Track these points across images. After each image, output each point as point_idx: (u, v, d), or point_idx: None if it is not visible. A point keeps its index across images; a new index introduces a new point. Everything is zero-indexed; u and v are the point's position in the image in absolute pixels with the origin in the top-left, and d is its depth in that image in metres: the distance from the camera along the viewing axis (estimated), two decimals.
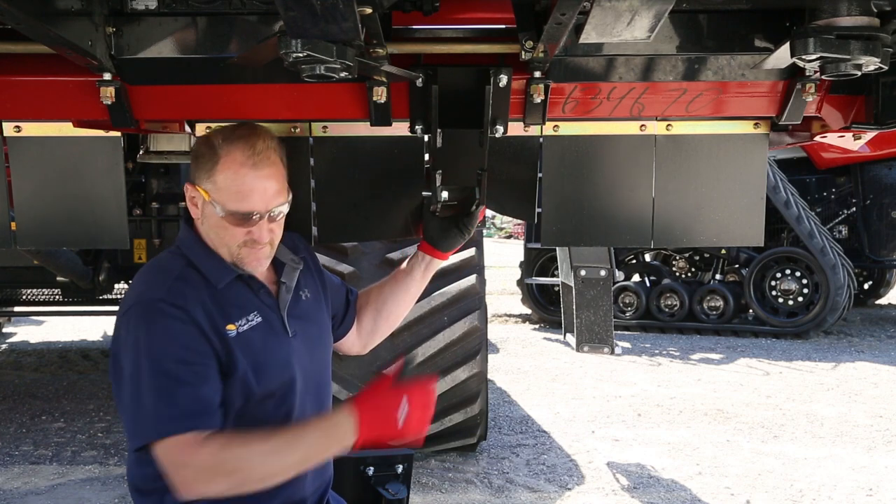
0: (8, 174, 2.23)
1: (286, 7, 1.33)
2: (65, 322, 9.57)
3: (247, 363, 1.77)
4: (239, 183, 1.74)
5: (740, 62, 2.00)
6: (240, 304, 1.81)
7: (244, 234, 1.78)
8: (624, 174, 2.30)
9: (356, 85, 1.96)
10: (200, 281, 1.79)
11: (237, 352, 1.76)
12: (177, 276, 1.78)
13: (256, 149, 1.75)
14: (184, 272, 1.79)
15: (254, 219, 1.76)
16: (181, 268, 1.80)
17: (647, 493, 4.31)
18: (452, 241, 2.16)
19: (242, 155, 1.74)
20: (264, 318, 1.83)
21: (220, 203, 1.75)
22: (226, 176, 1.75)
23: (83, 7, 1.69)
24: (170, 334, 1.69)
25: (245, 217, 1.76)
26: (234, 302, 1.80)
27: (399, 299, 2.21)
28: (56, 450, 5.04)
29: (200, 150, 1.80)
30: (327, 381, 2.02)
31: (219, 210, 1.76)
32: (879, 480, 4.49)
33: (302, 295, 1.95)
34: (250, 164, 1.74)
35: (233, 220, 1.76)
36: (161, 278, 1.78)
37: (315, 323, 1.97)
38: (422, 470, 4.52)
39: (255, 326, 1.80)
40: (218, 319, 1.75)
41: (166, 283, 1.76)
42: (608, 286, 7.51)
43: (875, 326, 9.97)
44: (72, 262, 5.45)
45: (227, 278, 1.80)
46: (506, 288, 12.82)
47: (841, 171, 9.82)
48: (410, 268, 2.19)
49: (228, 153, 1.75)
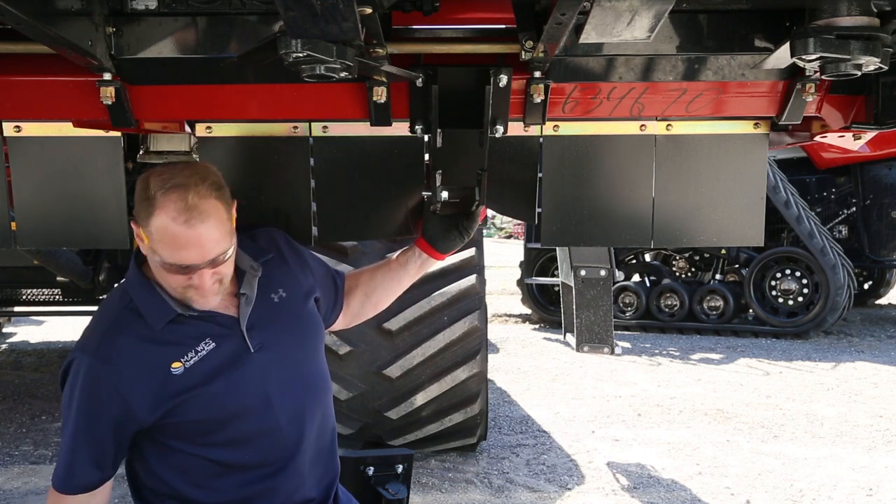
0: (8, 174, 2.23)
1: (286, 7, 1.33)
2: (65, 322, 9.55)
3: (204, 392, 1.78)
4: (173, 238, 1.69)
5: (740, 62, 2.00)
6: (187, 336, 1.80)
7: (186, 281, 1.74)
8: (624, 174, 2.30)
9: (356, 85, 1.96)
10: (140, 324, 1.79)
11: (188, 387, 1.77)
12: (113, 322, 1.81)
13: (188, 202, 1.67)
14: (122, 317, 1.81)
15: (192, 270, 1.72)
16: (120, 311, 1.82)
17: (647, 493, 4.31)
18: (452, 242, 2.16)
19: (175, 210, 1.68)
20: (218, 343, 1.81)
21: (157, 252, 1.72)
22: (159, 227, 1.70)
23: (83, 7, 1.69)
24: (83, 396, 1.78)
25: (183, 269, 1.72)
26: (180, 336, 1.80)
27: (389, 288, 2.22)
28: (56, 450, 5.03)
29: (139, 190, 1.75)
30: (315, 373, 1.99)
31: (157, 259, 1.73)
32: (879, 480, 4.49)
33: (274, 297, 1.92)
34: (182, 221, 1.68)
35: (172, 269, 1.73)
36: (99, 327, 1.83)
37: (291, 322, 1.94)
38: (422, 470, 4.52)
39: (206, 356, 1.80)
40: (158, 361, 1.77)
41: (100, 333, 1.81)
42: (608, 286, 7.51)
43: (875, 326, 9.97)
44: (72, 262, 5.44)
45: (165, 319, 1.80)
46: (506, 288, 12.82)
47: (841, 171, 9.81)
48: (405, 261, 2.19)
49: (162, 206, 1.68)
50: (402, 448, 3.61)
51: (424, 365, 4.19)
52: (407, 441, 4.35)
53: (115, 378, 1.76)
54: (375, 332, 4.12)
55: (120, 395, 1.76)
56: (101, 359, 1.76)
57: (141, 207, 1.73)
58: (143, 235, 1.74)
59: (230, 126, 2.23)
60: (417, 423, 4.36)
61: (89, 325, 1.86)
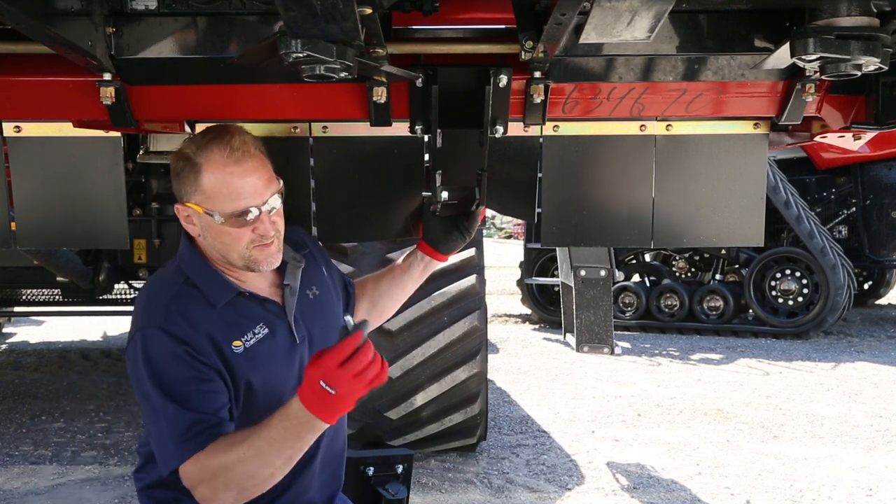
0: (8, 174, 2.23)
1: (286, 7, 1.33)
2: (65, 322, 9.56)
3: (254, 377, 1.76)
4: (227, 183, 1.72)
5: (740, 62, 2.00)
6: (245, 317, 1.79)
7: (250, 234, 1.75)
8: (624, 174, 2.30)
9: (356, 85, 1.96)
10: (201, 299, 1.77)
11: (244, 367, 1.75)
12: (175, 295, 1.76)
13: (233, 145, 1.73)
14: (183, 291, 1.77)
15: (252, 215, 1.74)
16: (180, 287, 1.78)
17: (647, 493, 4.31)
18: (453, 242, 2.16)
19: (221, 155, 1.72)
20: (271, 328, 1.81)
21: (215, 210, 1.73)
22: (211, 181, 1.72)
23: (83, 7, 1.69)
24: (170, 361, 1.70)
25: (244, 215, 1.73)
26: (239, 316, 1.78)
27: (395, 296, 2.21)
28: (56, 450, 5.03)
29: (178, 166, 1.77)
30: None
31: (217, 218, 1.73)
32: (879, 480, 4.49)
33: (309, 293, 1.92)
34: (232, 162, 1.72)
35: (233, 223, 1.74)
36: (160, 300, 1.77)
37: (324, 319, 1.95)
38: (422, 470, 4.52)
39: (262, 339, 1.79)
40: (221, 337, 1.74)
41: (165, 306, 1.74)
42: (608, 286, 7.53)
43: (875, 326, 9.97)
44: (72, 262, 5.44)
45: (226, 297, 1.79)
46: (506, 288, 12.82)
47: (841, 171, 9.81)
48: (408, 265, 2.18)
49: (207, 158, 1.72)
50: (402, 448, 3.61)
51: (424, 365, 4.19)
52: (407, 441, 4.35)
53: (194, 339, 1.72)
54: (375, 332, 4.08)
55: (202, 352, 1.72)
56: (174, 325, 1.71)
57: (184, 179, 1.76)
58: (195, 206, 1.75)
59: None
60: (417, 424, 4.36)
61: (145, 301, 1.81)
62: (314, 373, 1.57)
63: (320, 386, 1.56)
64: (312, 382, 1.57)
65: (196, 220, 1.78)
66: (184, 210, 1.78)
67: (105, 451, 5.00)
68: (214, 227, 1.75)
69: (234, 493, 1.67)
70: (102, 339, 9.14)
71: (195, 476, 1.67)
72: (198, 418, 1.68)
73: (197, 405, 1.69)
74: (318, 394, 1.57)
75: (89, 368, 7.53)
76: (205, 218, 1.75)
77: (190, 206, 1.76)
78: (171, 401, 1.68)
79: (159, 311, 1.74)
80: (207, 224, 1.76)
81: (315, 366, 1.58)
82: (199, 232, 1.79)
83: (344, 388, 1.57)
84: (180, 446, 1.68)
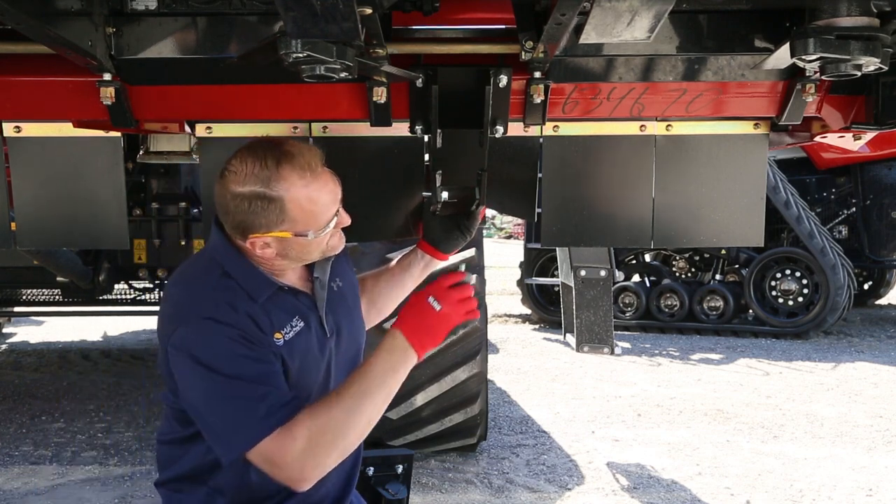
0: (8, 174, 2.23)
1: (286, 7, 1.33)
2: (65, 322, 9.57)
3: (293, 370, 1.75)
4: (314, 201, 1.69)
5: (740, 62, 2.00)
6: (283, 310, 1.77)
7: (334, 234, 1.78)
8: (624, 174, 2.30)
9: (356, 85, 1.96)
10: (241, 293, 1.73)
11: (284, 359, 1.73)
12: (216, 286, 1.72)
13: (303, 164, 1.68)
14: (222, 283, 1.73)
15: (338, 214, 1.77)
16: (218, 278, 1.74)
17: (647, 493, 4.31)
18: (454, 242, 2.15)
19: (301, 179, 1.67)
20: (306, 322, 1.79)
21: (309, 230, 1.71)
22: (299, 208, 1.68)
23: (83, 7, 1.69)
24: (231, 345, 1.65)
25: (332, 219, 1.75)
26: (278, 310, 1.76)
27: (394, 295, 2.20)
28: (56, 450, 5.03)
29: (252, 205, 1.67)
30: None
31: (311, 235, 1.72)
32: (879, 480, 4.49)
33: (334, 286, 1.91)
34: (312, 179, 1.68)
35: (326, 232, 1.74)
36: (202, 292, 1.72)
37: (347, 310, 1.94)
38: (422, 470, 4.52)
39: (299, 332, 1.77)
40: (265, 329, 1.71)
41: (210, 296, 1.70)
42: (608, 286, 7.51)
43: (875, 326, 9.97)
44: (72, 262, 5.45)
45: (266, 292, 1.75)
46: (506, 288, 12.82)
47: (841, 171, 9.81)
48: (408, 264, 2.18)
49: (287, 189, 1.66)
50: (402, 448, 3.61)
51: (424, 365, 4.17)
52: (407, 441, 4.35)
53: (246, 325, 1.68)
54: (375, 332, 4.10)
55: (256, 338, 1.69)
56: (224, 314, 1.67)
57: (262, 214, 1.68)
58: (281, 234, 1.70)
59: (230, 126, 2.22)
60: (417, 424, 4.36)
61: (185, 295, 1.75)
62: (424, 292, 1.74)
63: (428, 302, 1.73)
64: (420, 300, 1.74)
65: (276, 244, 1.73)
66: (260, 240, 1.71)
67: (105, 451, 5.00)
68: (301, 244, 1.73)
69: (336, 454, 1.65)
70: (102, 339, 9.15)
71: (276, 457, 1.62)
72: (275, 395, 1.64)
73: (270, 381, 1.66)
74: (423, 311, 1.73)
75: (89, 368, 7.53)
76: (293, 240, 1.72)
77: (273, 236, 1.71)
78: (236, 383, 1.63)
79: (206, 302, 1.69)
80: (293, 244, 1.73)
81: (423, 290, 1.76)
82: (276, 252, 1.74)
83: (449, 307, 1.75)
84: (253, 427, 1.61)
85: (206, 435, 1.70)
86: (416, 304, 1.75)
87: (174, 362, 1.69)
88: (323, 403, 1.66)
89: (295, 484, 1.65)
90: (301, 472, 1.63)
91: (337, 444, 1.64)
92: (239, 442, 1.64)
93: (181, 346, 1.66)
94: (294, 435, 1.61)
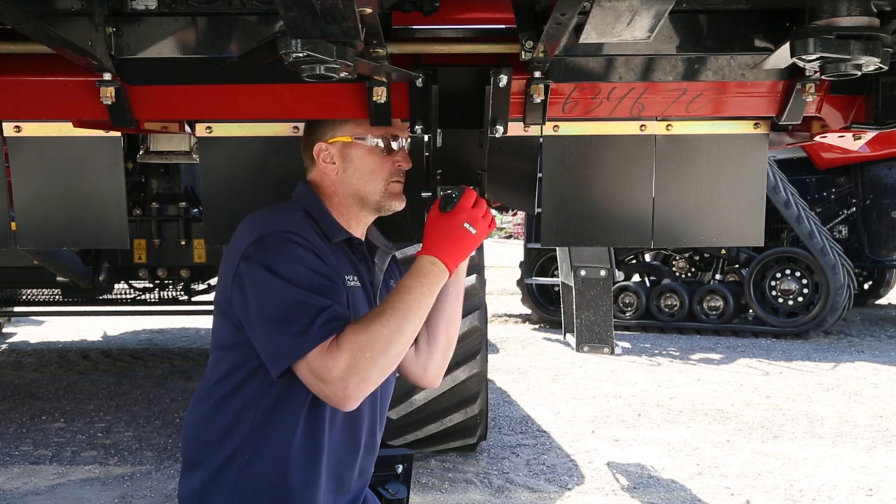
0: (8, 174, 2.23)
1: (286, 7, 1.33)
2: (65, 322, 9.58)
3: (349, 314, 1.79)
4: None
5: (740, 62, 2.00)
6: (347, 262, 1.86)
7: (392, 166, 1.88)
8: (624, 174, 2.30)
9: (356, 85, 1.96)
10: (318, 230, 1.82)
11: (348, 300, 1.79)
12: (298, 219, 1.80)
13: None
14: (304, 219, 1.81)
15: (399, 144, 1.90)
16: (302, 215, 1.83)
17: (647, 493, 4.31)
18: None
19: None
20: (362, 284, 1.88)
21: (368, 133, 1.87)
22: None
23: (83, 7, 1.69)
24: (302, 258, 1.71)
25: (394, 140, 1.89)
26: (345, 260, 1.85)
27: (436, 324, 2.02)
28: (56, 450, 5.04)
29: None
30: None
31: (370, 140, 1.86)
32: (879, 480, 4.49)
33: (391, 283, 2.00)
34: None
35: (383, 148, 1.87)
36: (284, 217, 1.80)
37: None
38: (422, 470, 4.52)
39: (355, 288, 1.84)
40: (339, 268, 1.80)
41: (291, 219, 1.78)
42: (608, 286, 7.52)
43: (875, 326, 9.98)
44: (72, 262, 5.45)
45: (339, 237, 1.85)
46: (506, 288, 12.83)
47: (841, 171, 9.83)
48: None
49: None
50: (402, 448, 3.61)
51: None
52: (407, 441, 4.35)
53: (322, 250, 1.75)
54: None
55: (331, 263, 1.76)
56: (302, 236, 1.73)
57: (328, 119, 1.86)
58: (343, 138, 1.87)
59: (230, 126, 2.23)
60: (417, 423, 4.36)
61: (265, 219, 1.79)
62: (457, 219, 1.81)
63: (464, 228, 1.80)
64: (455, 226, 1.80)
65: (338, 156, 1.87)
66: (324, 149, 1.86)
67: (105, 451, 5.01)
68: (360, 157, 1.87)
69: (377, 370, 1.66)
70: (102, 339, 9.15)
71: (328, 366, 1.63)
72: (336, 308, 1.69)
73: (333, 296, 1.70)
74: (460, 237, 1.80)
75: (89, 368, 7.53)
76: (352, 148, 1.86)
77: (336, 140, 1.86)
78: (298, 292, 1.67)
79: (285, 221, 1.76)
80: (353, 155, 1.87)
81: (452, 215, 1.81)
82: (339, 169, 1.87)
83: (481, 229, 1.83)
84: (317, 331, 1.64)
85: (260, 347, 1.72)
86: (453, 230, 1.81)
87: (244, 274, 1.72)
88: (364, 321, 1.69)
89: (340, 402, 1.67)
90: (345, 390, 1.65)
91: (377, 360, 1.66)
92: (291, 351, 1.66)
93: (254, 254, 1.71)
94: (341, 348, 1.64)
